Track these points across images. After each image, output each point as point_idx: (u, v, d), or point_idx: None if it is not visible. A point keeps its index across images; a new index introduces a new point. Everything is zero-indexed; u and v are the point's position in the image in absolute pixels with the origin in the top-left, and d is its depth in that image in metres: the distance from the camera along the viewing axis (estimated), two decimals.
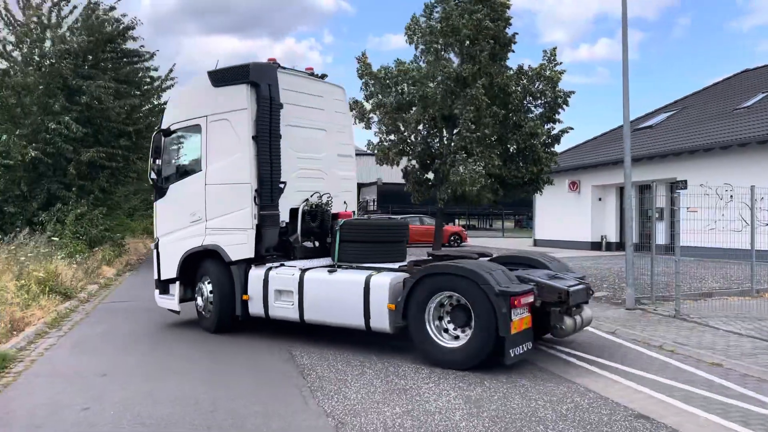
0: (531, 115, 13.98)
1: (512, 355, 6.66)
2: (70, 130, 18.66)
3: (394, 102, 14.19)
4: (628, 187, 11.03)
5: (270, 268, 8.65)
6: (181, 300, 9.65)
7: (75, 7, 20.79)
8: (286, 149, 9.25)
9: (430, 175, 14.70)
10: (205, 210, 9.33)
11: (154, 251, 10.05)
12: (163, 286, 9.93)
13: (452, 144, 13.70)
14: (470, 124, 12.82)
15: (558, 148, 15.00)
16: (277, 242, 9.13)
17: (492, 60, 13.53)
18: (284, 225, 9.31)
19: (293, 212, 9.41)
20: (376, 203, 52.39)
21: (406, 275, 7.47)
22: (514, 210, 55.64)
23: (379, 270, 7.83)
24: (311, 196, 9.61)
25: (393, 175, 27.16)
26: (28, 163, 19.00)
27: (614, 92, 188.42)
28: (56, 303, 11.20)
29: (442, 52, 13.81)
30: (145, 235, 32.01)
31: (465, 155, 13.31)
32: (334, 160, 10.29)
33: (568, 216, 27.34)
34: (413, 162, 14.85)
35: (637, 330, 9.25)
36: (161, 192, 10.08)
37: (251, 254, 8.86)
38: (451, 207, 17.85)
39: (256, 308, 8.69)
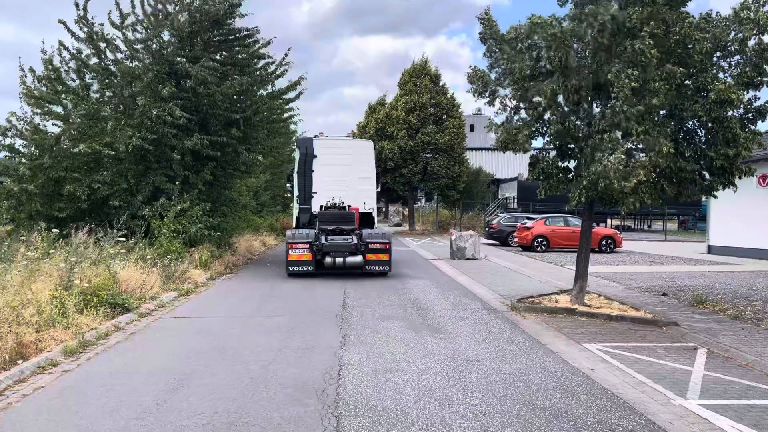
0: (722, 77, 9.88)
1: (290, 270, 15.60)
2: (174, 116, 17.38)
3: (527, 69, 10.79)
4: None
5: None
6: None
7: None
8: (320, 176, 17.80)
9: (571, 164, 11.11)
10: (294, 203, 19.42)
11: (294, 216, 19.32)
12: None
13: (602, 121, 10.00)
14: (630, 91, 9.07)
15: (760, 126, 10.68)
16: (308, 221, 17.39)
17: (668, 3, 9.66)
18: (316, 213, 17.56)
19: (321, 207, 17.71)
20: (516, 200, 48.08)
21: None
22: (678, 209, 48.48)
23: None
24: (333, 199, 17.77)
25: None
26: (135, 155, 18.04)
27: None
28: (99, 319, 9.29)
29: None
30: (268, 231, 30.87)
31: (618, 136, 9.55)
32: (356, 181, 19.10)
33: (756, 218, 21.80)
34: (549, 149, 11.36)
35: None
36: (292, 194, 20.53)
37: (294, 225, 18.86)
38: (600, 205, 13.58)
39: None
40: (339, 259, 15.33)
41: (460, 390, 6.41)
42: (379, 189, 21.25)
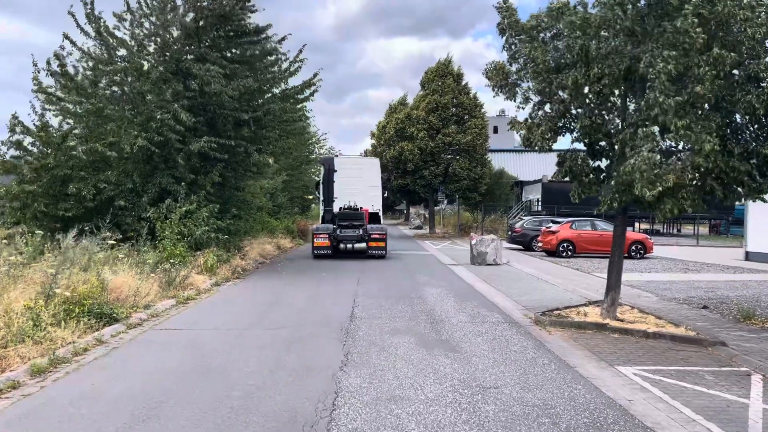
0: None
1: (315, 253, 22.28)
2: (178, 119, 16.64)
3: (551, 60, 9.76)
4: None
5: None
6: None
7: None
8: (339, 185, 24.90)
9: (603, 164, 10.02)
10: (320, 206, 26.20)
11: (320, 215, 25.65)
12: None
13: (636, 114, 8.92)
14: (667, 77, 7.97)
15: None
16: (330, 219, 23.52)
17: None
18: (336, 213, 23.85)
19: (340, 208, 24.22)
20: (540, 203, 46.66)
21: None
22: (709, 212, 46.52)
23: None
24: (348, 203, 24.21)
25: None
26: (141, 155, 17.34)
27: None
28: (80, 332, 8.48)
29: None
30: (284, 234, 30.10)
31: (654, 130, 8.46)
32: (366, 188, 25.01)
33: None
34: (577, 145, 10.28)
35: None
36: (319, 199, 27.03)
37: (320, 222, 24.81)
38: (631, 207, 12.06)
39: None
40: (349, 245, 22.07)
41: (474, 427, 5.42)
42: (385, 195, 28.53)
